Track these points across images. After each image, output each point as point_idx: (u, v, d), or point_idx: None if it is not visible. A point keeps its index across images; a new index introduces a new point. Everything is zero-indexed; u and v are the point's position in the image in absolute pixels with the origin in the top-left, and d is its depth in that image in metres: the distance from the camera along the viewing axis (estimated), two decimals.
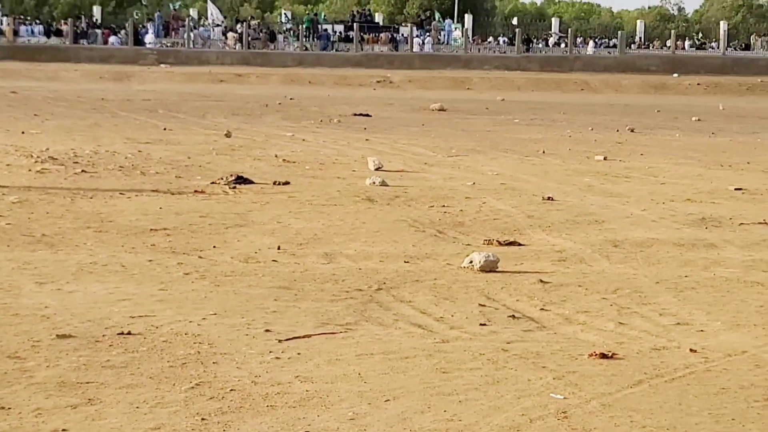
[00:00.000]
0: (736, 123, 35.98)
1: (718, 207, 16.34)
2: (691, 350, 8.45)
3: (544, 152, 24.04)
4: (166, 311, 9.22)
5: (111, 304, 9.40)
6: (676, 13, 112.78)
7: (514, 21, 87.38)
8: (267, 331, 8.72)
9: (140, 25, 71.99)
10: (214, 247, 12.18)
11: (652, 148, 25.98)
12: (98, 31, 69.91)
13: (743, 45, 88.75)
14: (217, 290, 10.06)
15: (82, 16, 78.65)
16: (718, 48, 79.43)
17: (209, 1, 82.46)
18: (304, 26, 71.43)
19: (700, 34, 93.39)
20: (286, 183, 17.54)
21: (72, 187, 16.38)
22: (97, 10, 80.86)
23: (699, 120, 36.23)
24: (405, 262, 11.70)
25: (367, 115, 33.44)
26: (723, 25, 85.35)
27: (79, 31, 67.73)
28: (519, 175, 19.73)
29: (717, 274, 11.40)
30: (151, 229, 13.10)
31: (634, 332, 8.99)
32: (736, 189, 18.27)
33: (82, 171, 18.16)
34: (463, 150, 24.04)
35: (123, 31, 68.19)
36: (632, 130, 30.90)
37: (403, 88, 52.48)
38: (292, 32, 74.01)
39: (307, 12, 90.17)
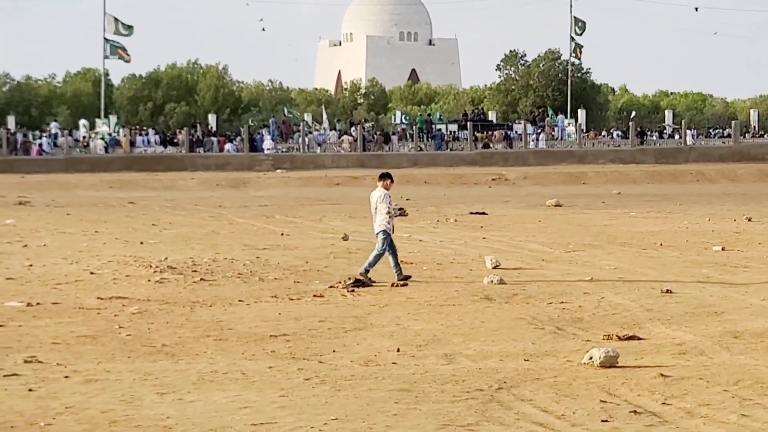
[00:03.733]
0: None
1: None
2: None
3: (661, 244, 23.89)
4: (288, 417, 9.34)
5: (232, 413, 9.55)
6: None
7: (631, 114, 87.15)
8: None
9: (255, 132, 73.27)
10: (334, 351, 12.32)
11: None
12: (214, 139, 71.30)
13: None
14: (338, 395, 10.17)
15: (198, 125, 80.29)
16: None
17: (323, 107, 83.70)
18: (417, 127, 72.08)
19: None
20: (405, 285, 17.66)
21: (191, 296, 16.70)
22: (212, 118, 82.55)
23: None
24: (525, 360, 11.73)
25: (484, 213, 33.54)
26: None
27: (194, 140, 69.08)
28: (637, 269, 19.64)
29: None
30: (271, 336, 13.30)
31: (757, 424, 8.90)
32: None
33: (201, 279, 18.50)
34: (580, 245, 23.98)
35: (238, 138, 69.41)
36: (749, 220, 30.54)
37: (518, 185, 52.54)
38: (406, 133, 74.72)
39: (420, 113, 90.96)
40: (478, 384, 10.52)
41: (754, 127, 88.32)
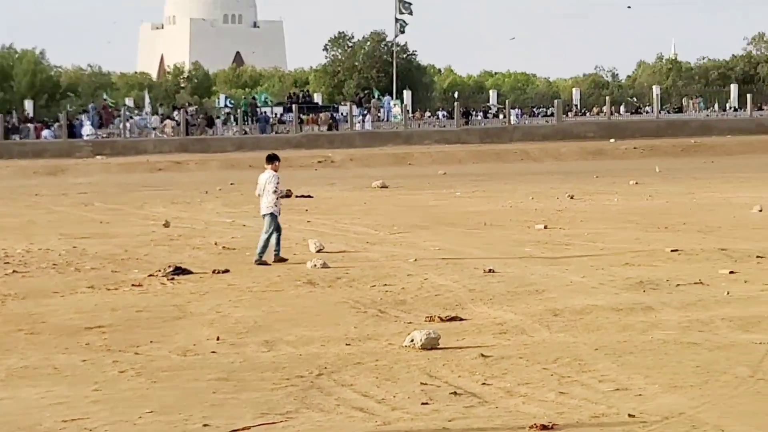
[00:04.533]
0: (672, 184, 36.26)
1: (655, 270, 16.41)
2: (629, 415, 8.44)
3: (486, 224, 24.07)
4: (101, 412, 9.04)
5: (42, 409, 9.21)
6: (610, 79, 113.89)
7: (455, 95, 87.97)
8: (205, 425, 8.58)
9: (74, 118, 71.66)
10: (152, 342, 12.01)
11: (591, 214, 26.10)
12: (30, 125, 69.49)
13: (676, 108, 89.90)
14: (154, 387, 9.90)
15: (14, 111, 78.21)
16: (652, 112, 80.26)
17: (145, 91, 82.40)
18: (242, 110, 71.47)
19: (635, 99, 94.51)
20: (226, 271, 17.41)
21: (2, 288, 16.11)
22: (29, 104, 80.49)
23: (637, 183, 36.48)
24: (346, 344, 11.61)
25: (309, 197, 33.38)
26: (655, 89, 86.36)
27: (9, 127, 67.28)
28: (461, 249, 19.72)
29: (654, 337, 11.41)
30: (86, 328, 12.91)
31: (574, 401, 8.95)
32: (672, 251, 18.35)
33: (14, 271, 17.90)
34: (406, 227, 24.00)
35: (56, 125, 67.80)
36: (572, 197, 31.05)
37: (344, 167, 52.59)
38: (230, 117, 74.03)
39: (244, 96, 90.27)
40: (299, 371, 10.36)
41: (576, 105, 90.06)
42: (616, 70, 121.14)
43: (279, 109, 77.37)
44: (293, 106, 71.74)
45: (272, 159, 18.97)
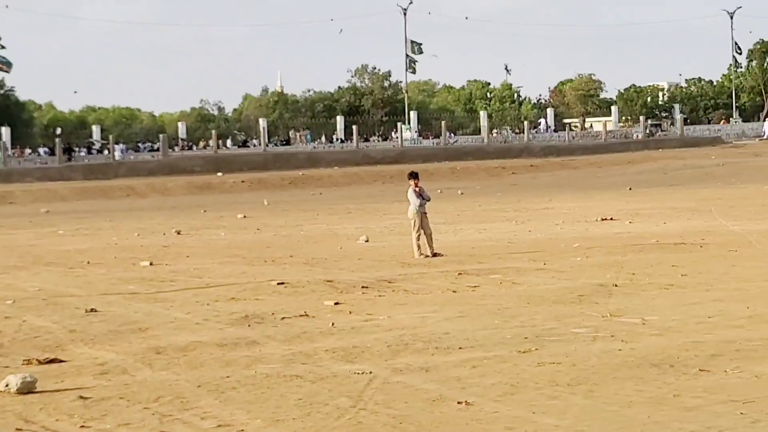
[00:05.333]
0: (280, 217, 36.80)
1: (261, 303, 16.50)
2: None
3: (89, 262, 23.54)
4: None
5: None
6: (216, 113, 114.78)
7: (57, 131, 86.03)
8: None
9: None
10: None
11: (198, 249, 26.06)
12: None
13: (283, 140, 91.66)
14: None
15: None
16: (259, 145, 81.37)
17: None
18: None
19: (242, 132, 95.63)
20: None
21: None
22: None
23: (245, 217, 36.80)
24: None
25: None
26: (262, 122, 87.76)
27: None
28: (62, 289, 19.18)
29: (258, 371, 11.42)
30: None
31: None
32: (278, 283, 18.53)
33: None
34: (4, 267, 23.17)
35: None
36: (179, 233, 30.93)
37: None
38: None
39: None
40: None
41: (183, 139, 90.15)
42: (222, 103, 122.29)
43: None
44: None
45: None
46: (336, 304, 16.18)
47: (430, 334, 13.20)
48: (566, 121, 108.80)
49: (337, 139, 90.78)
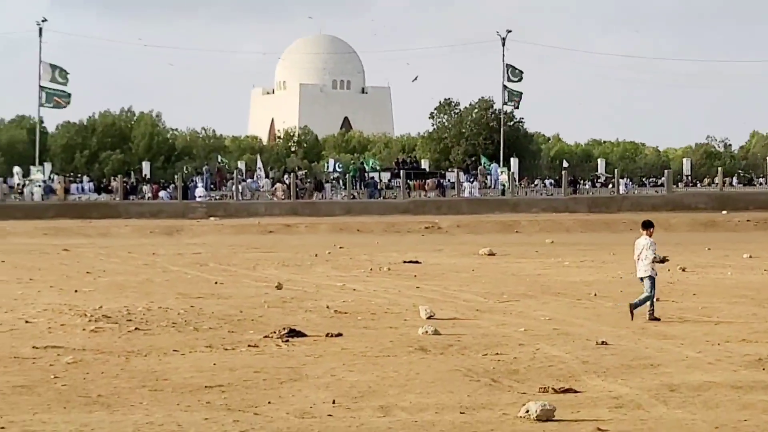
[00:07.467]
0: None
1: None
2: None
3: (595, 295, 23.96)
4: None
5: None
6: (722, 149, 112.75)
7: (564, 163, 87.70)
8: None
9: (189, 179, 72.97)
10: (269, 402, 12.17)
11: (704, 287, 25.82)
12: (147, 186, 71.02)
13: None
14: None
15: (132, 172, 79.93)
16: (766, 183, 79.24)
17: (258, 155, 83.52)
18: (350, 175, 72.10)
19: (749, 171, 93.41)
20: (339, 335, 17.56)
21: (126, 345, 16.48)
22: (146, 166, 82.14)
23: (751, 257, 35.99)
24: (461, 413, 11.65)
25: (417, 262, 33.51)
26: None
27: (128, 187, 68.78)
28: (571, 320, 19.66)
29: None
30: (206, 386, 13.13)
31: None
32: None
33: (136, 329, 18.27)
34: (514, 295, 23.99)
35: (172, 186, 69.07)
36: (683, 270, 30.75)
37: (451, 234, 52.59)
38: (339, 181, 74.73)
39: (353, 161, 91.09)
40: None
41: (687, 176, 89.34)
42: (729, 140, 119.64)
43: (387, 175, 77.97)
44: (401, 171, 72.20)
45: (648, 225, 20.41)
46: None
47: None
48: None
49: None
